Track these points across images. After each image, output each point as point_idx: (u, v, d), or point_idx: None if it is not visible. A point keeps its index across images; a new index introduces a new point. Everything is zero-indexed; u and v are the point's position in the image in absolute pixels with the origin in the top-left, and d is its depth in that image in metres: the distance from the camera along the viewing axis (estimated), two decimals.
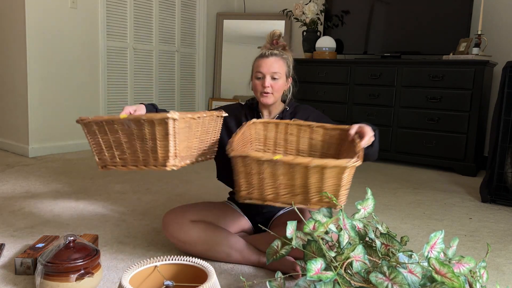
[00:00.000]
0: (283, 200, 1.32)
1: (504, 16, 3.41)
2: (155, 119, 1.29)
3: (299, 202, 1.31)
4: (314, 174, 1.26)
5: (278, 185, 1.31)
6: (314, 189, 1.28)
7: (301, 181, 1.28)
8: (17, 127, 3.38)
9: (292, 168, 1.27)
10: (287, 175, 1.29)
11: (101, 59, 3.68)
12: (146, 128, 1.32)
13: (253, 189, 1.34)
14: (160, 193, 2.47)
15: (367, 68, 3.58)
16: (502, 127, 2.47)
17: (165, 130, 1.30)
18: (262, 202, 1.35)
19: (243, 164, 1.32)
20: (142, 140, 1.34)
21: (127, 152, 1.39)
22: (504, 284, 1.52)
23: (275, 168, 1.28)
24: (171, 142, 1.32)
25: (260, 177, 1.31)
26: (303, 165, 1.25)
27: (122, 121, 1.34)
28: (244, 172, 1.33)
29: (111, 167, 1.42)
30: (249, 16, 4.70)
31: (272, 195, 1.33)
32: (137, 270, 1.10)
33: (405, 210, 2.33)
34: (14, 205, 2.17)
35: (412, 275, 1.05)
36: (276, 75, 1.65)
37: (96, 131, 1.40)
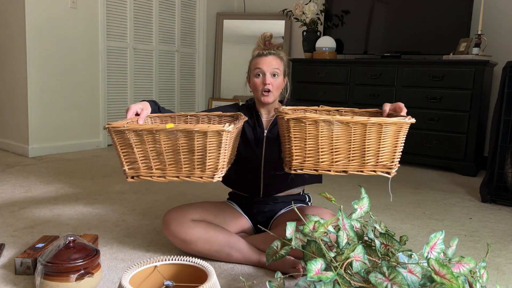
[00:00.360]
0: (337, 168, 1.27)
1: (504, 16, 3.41)
2: (209, 131, 1.23)
3: (354, 169, 1.28)
4: (372, 133, 1.24)
5: (333, 150, 1.25)
6: (371, 151, 1.26)
7: (357, 142, 1.25)
8: (17, 127, 3.38)
9: (350, 128, 1.23)
10: (344, 137, 1.25)
11: (101, 59, 3.68)
12: (196, 140, 1.25)
13: (307, 157, 1.27)
14: (160, 193, 2.47)
15: (367, 68, 3.58)
16: (502, 127, 2.47)
17: (218, 142, 1.25)
18: (315, 172, 1.28)
19: (299, 128, 1.25)
20: (190, 151, 1.26)
21: (167, 163, 1.28)
22: (504, 284, 1.52)
23: (332, 130, 1.23)
24: (222, 154, 1.26)
25: (315, 142, 1.25)
26: (361, 123, 1.22)
27: (168, 131, 1.26)
28: (299, 137, 1.26)
29: (145, 178, 1.31)
30: (249, 16, 4.70)
31: (326, 162, 1.27)
32: (137, 270, 1.10)
33: (405, 210, 2.33)
34: (14, 205, 2.17)
35: (412, 275, 1.05)
36: (275, 72, 1.66)
37: (131, 140, 1.28)
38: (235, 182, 1.76)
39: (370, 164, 1.28)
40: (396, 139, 1.26)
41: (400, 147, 1.30)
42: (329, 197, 1.29)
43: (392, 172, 1.28)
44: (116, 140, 1.29)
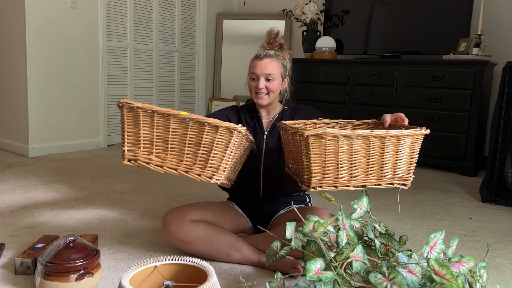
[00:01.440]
0: (356, 183, 1.27)
1: (504, 16, 3.41)
2: (221, 126, 1.21)
3: (372, 183, 1.28)
4: (389, 146, 1.25)
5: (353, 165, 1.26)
6: (388, 164, 1.27)
7: (375, 156, 1.26)
8: (17, 127, 3.39)
9: (369, 142, 1.24)
10: (363, 151, 1.25)
11: (101, 59, 3.68)
12: (206, 133, 1.21)
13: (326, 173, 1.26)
14: (160, 193, 2.47)
15: (367, 68, 3.58)
16: (502, 127, 2.47)
17: (227, 140, 1.22)
18: (334, 188, 1.27)
19: (318, 144, 1.23)
20: (196, 144, 1.22)
21: (169, 152, 1.24)
22: (504, 284, 1.52)
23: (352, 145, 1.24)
24: (227, 155, 1.23)
25: (335, 157, 1.24)
26: (381, 136, 1.24)
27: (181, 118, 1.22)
28: (319, 154, 1.24)
29: (142, 163, 1.27)
30: (249, 16, 4.70)
31: (346, 178, 1.27)
32: (137, 270, 1.10)
33: (405, 210, 2.33)
34: (14, 205, 2.17)
35: (411, 275, 1.05)
36: (270, 77, 1.65)
37: (140, 120, 1.24)
38: (235, 184, 1.76)
39: (388, 177, 1.29)
40: (412, 150, 1.29)
41: (415, 159, 1.32)
42: (329, 197, 1.29)
43: (408, 184, 1.30)
44: (126, 118, 1.26)
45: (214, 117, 1.71)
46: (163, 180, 2.76)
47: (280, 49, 1.71)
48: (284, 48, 1.73)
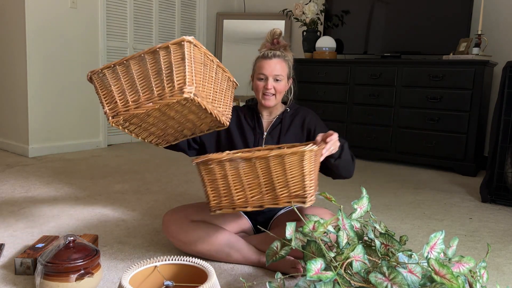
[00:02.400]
0: (253, 203, 1.32)
1: (504, 16, 3.41)
2: (171, 43, 1.24)
3: (269, 202, 1.31)
4: (276, 166, 1.27)
5: (245, 186, 1.30)
6: (280, 183, 1.28)
7: (265, 176, 1.29)
8: (17, 127, 3.38)
9: (254, 163, 1.27)
10: (251, 173, 1.29)
11: (101, 59, 3.68)
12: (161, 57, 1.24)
13: (222, 197, 1.33)
14: (160, 193, 2.47)
15: (367, 68, 3.58)
16: (502, 127, 2.47)
17: (182, 54, 1.24)
18: (233, 210, 1.34)
19: (208, 171, 1.32)
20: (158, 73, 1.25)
21: (141, 91, 1.27)
22: (504, 284, 1.52)
23: (238, 167, 1.29)
24: (187, 66, 1.23)
25: (226, 181, 1.31)
26: (263, 157, 1.26)
27: (137, 57, 1.27)
28: (210, 179, 1.33)
29: (124, 113, 1.28)
30: (249, 16, 4.70)
31: (241, 200, 1.32)
32: (137, 270, 1.10)
33: (405, 210, 2.33)
34: (14, 205, 2.17)
35: (412, 275, 1.05)
36: (278, 77, 1.65)
37: (108, 78, 1.30)
38: None
39: (284, 195, 1.30)
40: (302, 168, 1.27)
41: (310, 175, 1.29)
42: (329, 197, 1.29)
43: (307, 201, 1.28)
44: (98, 84, 1.32)
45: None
46: (163, 180, 2.76)
47: (285, 50, 1.71)
48: (288, 49, 1.72)
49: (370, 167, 3.38)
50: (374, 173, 3.18)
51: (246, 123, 1.73)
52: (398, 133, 3.47)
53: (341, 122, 3.74)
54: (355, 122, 3.67)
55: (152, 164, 3.20)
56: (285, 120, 1.72)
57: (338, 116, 3.74)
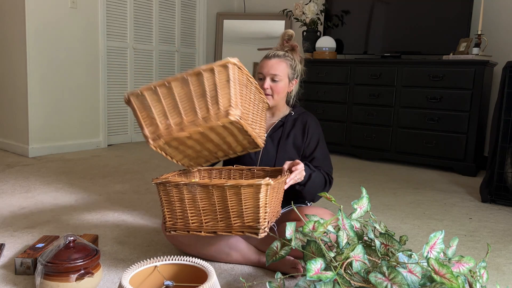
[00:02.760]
0: (207, 229, 1.33)
1: (504, 16, 3.41)
2: (216, 65, 1.23)
3: (222, 230, 1.32)
4: (232, 195, 1.27)
5: (200, 212, 1.31)
6: (234, 212, 1.29)
7: (220, 205, 1.29)
8: (17, 127, 3.38)
9: (210, 191, 1.28)
10: (207, 199, 1.30)
11: (101, 59, 3.68)
12: (205, 79, 1.23)
13: (177, 218, 1.34)
14: None
15: (367, 68, 3.58)
16: (502, 127, 2.47)
17: (227, 76, 1.23)
18: (187, 233, 1.35)
19: (165, 192, 1.33)
20: (202, 95, 1.23)
21: (184, 114, 1.25)
22: (504, 284, 1.52)
23: (195, 193, 1.29)
24: (232, 89, 1.22)
25: (183, 204, 1.32)
26: (219, 186, 1.26)
27: (180, 78, 1.25)
28: (168, 200, 1.33)
29: (166, 136, 1.27)
30: (249, 16, 4.70)
31: (196, 224, 1.33)
32: (137, 270, 1.10)
33: (405, 210, 2.33)
34: (14, 205, 2.17)
35: (411, 274, 1.05)
36: (276, 77, 1.64)
37: (148, 99, 1.27)
38: None
39: (237, 225, 1.30)
40: (257, 200, 1.27)
41: (265, 208, 1.29)
42: (329, 197, 1.30)
43: (260, 233, 1.28)
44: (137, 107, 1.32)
45: None
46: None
47: (291, 50, 1.71)
48: (296, 50, 1.72)
49: (370, 167, 3.38)
50: (374, 173, 3.18)
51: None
52: (398, 133, 3.47)
53: (341, 122, 3.74)
54: (355, 122, 3.67)
55: (152, 164, 3.20)
56: (287, 123, 1.71)
57: (338, 116, 3.74)
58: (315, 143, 1.70)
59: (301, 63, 1.74)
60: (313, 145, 1.70)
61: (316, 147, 1.70)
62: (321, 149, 1.71)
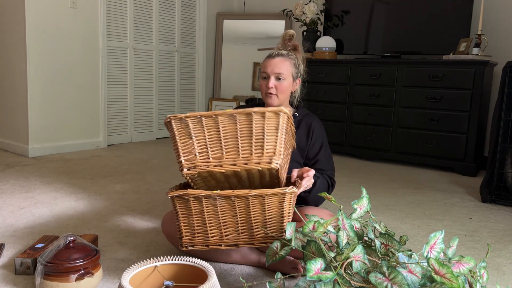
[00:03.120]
0: (228, 242, 1.30)
1: (504, 16, 3.41)
2: (268, 110, 1.23)
3: (244, 242, 1.29)
4: (255, 205, 1.26)
5: (221, 224, 1.28)
6: (257, 223, 1.28)
7: (243, 215, 1.28)
8: (17, 127, 3.38)
9: (232, 201, 1.26)
10: (229, 211, 1.27)
11: (101, 59, 3.68)
12: (255, 121, 1.23)
13: (195, 233, 1.30)
14: (160, 193, 2.47)
15: (367, 68, 3.58)
16: (502, 127, 2.47)
17: (276, 124, 1.24)
18: (206, 247, 1.31)
19: (183, 205, 1.28)
20: (248, 136, 1.24)
21: (225, 150, 1.25)
22: (504, 284, 1.52)
23: (215, 204, 1.27)
24: (279, 137, 1.24)
25: (202, 217, 1.28)
26: (242, 196, 1.25)
27: (228, 114, 1.25)
28: (185, 214, 1.29)
29: (202, 168, 1.26)
30: (249, 16, 4.70)
31: (216, 237, 1.30)
32: (137, 270, 1.10)
33: (405, 210, 2.33)
34: (14, 205, 2.17)
35: (412, 275, 1.05)
36: (280, 76, 1.64)
37: (190, 126, 1.26)
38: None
39: (260, 236, 1.29)
40: (282, 209, 1.27)
41: (287, 217, 1.29)
42: (329, 197, 1.29)
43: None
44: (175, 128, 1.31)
45: None
46: (163, 180, 2.76)
47: (294, 50, 1.70)
48: (298, 50, 1.71)
49: (370, 167, 3.38)
50: (374, 173, 3.18)
51: None
52: (398, 133, 3.47)
53: (341, 122, 3.74)
54: (355, 122, 3.67)
55: (152, 164, 3.20)
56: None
57: (338, 116, 3.74)
58: (319, 146, 1.70)
59: (303, 62, 1.74)
60: (317, 148, 1.69)
61: (320, 150, 1.70)
62: (324, 152, 1.71)
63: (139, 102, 4.13)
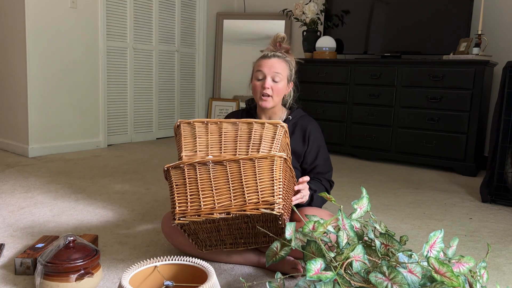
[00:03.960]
0: (220, 210, 1.29)
1: (504, 16, 3.41)
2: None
3: (237, 208, 1.29)
4: (247, 169, 1.29)
5: (213, 191, 1.30)
6: (249, 187, 1.29)
7: (235, 180, 1.30)
8: (17, 127, 3.38)
9: (225, 166, 1.29)
10: (222, 177, 1.30)
11: (101, 59, 3.68)
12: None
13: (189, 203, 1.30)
14: (160, 193, 2.47)
15: (367, 68, 3.58)
16: (502, 127, 2.47)
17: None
18: (198, 217, 1.29)
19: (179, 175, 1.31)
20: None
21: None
22: (504, 284, 1.52)
23: (209, 171, 1.29)
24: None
25: (196, 185, 1.30)
26: (234, 160, 1.28)
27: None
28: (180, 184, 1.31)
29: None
30: (249, 16, 4.70)
31: (209, 205, 1.29)
32: (137, 270, 1.10)
33: (405, 210, 2.33)
34: (14, 205, 2.17)
35: (412, 275, 1.05)
36: (277, 77, 1.61)
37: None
38: None
39: (253, 201, 1.29)
40: (271, 173, 1.29)
41: (279, 182, 1.30)
42: (329, 197, 1.29)
43: (276, 208, 1.27)
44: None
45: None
46: (163, 180, 2.76)
47: (286, 53, 1.69)
48: (290, 53, 1.70)
49: (370, 167, 3.38)
50: (374, 173, 3.18)
51: None
52: (398, 133, 3.47)
53: (341, 122, 3.74)
54: (355, 122, 3.67)
55: (152, 164, 3.20)
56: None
57: (338, 116, 3.74)
58: (316, 151, 1.69)
59: (296, 66, 1.72)
60: (314, 153, 1.68)
61: (318, 155, 1.69)
62: (322, 155, 1.70)
63: (139, 102, 4.13)
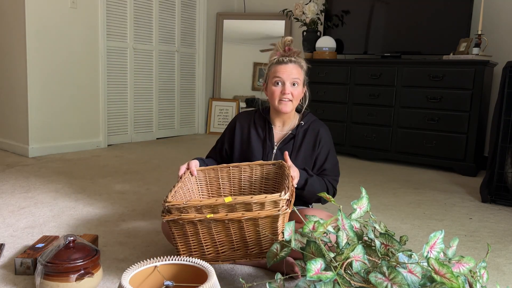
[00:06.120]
0: (224, 258, 1.33)
1: (504, 16, 3.41)
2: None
3: (240, 257, 1.33)
4: (249, 226, 1.29)
5: (216, 243, 1.31)
6: (252, 241, 1.31)
7: (237, 235, 1.31)
8: (17, 127, 3.38)
9: (226, 224, 1.29)
10: (223, 232, 1.31)
11: (101, 59, 3.68)
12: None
13: (192, 251, 1.33)
14: (160, 193, 2.47)
15: (367, 68, 3.58)
16: (502, 127, 2.47)
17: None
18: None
19: (178, 228, 1.31)
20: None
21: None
22: (504, 284, 1.52)
23: (210, 227, 1.29)
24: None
25: (197, 238, 1.32)
26: (236, 220, 1.27)
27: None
28: (181, 235, 1.32)
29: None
30: (249, 16, 4.70)
31: (212, 255, 1.33)
32: (137, 270, 1.10)
33: (405, 210, 2.33)
34: (14, 205, 2.17)
35: (412, 275, 1.04)
36: (296, 81, 1.62)
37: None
38: None
39: (255, 252, 1.33)
40: (275, 229, 1.30)
41: (282, 234, 1.32)
42: (328, 197, 1.29)
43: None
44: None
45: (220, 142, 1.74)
46: (163, 180, 2.76)
47: (298, 57, 1.69)
48: (301, 56, 1.71)
49: (370, 167, 3.38)
50: (374, 173, 3.18)
51: (256, 133, 1.71)
52: (398, 133, 3.47)
53: (341, 122, 3.74)
54: (355, 122, 3.67)
55: (152, 164, 3.20)
56: (298, 136, 1.68)
57: (338, 116, 3.74)
58: (325, 155, 1.69)
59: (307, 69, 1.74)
60: (323, 156, 1.68)
61: (326, 159, 1.69)
62: (331, 160, 1.70)
63: (139, 102, 4.13)
